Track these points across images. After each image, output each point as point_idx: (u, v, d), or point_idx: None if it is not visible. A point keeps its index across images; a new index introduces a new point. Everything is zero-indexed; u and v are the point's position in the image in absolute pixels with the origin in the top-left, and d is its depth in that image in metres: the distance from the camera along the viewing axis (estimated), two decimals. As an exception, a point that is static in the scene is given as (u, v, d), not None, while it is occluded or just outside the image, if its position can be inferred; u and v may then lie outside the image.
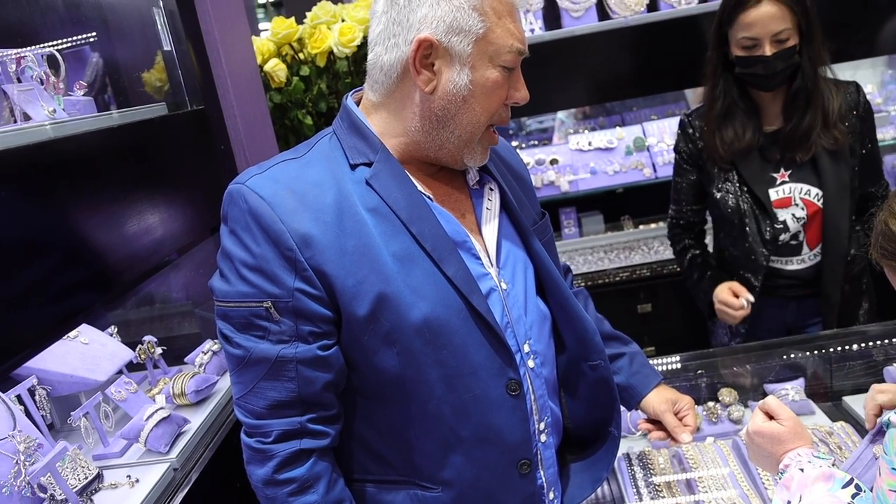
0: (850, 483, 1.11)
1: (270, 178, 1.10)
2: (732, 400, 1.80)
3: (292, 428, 1.10)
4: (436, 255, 1.12)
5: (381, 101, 1.17)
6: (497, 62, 1.12)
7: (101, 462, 1.53)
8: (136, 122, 1.66)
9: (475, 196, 1.26)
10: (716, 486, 1.54)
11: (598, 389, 1.33)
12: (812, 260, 2.06)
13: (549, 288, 1.30)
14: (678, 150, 2.20)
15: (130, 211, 1.56)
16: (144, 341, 1.81)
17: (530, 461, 1.22)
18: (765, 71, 1.90)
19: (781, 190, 2.01)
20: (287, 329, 1.08)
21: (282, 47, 2.46)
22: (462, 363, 1.13)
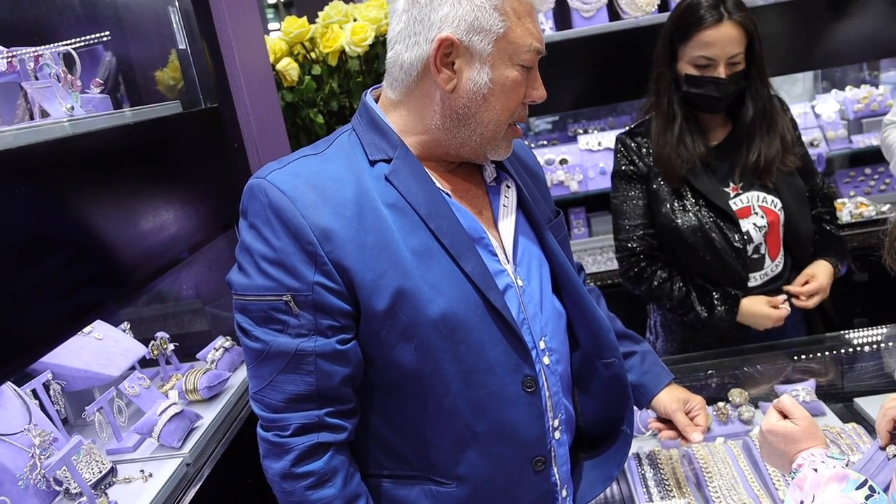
0: (865, 484, 1.11)
1: (291, 173, 1.11)
2: (743, 400, 1.80)
3: (310, 421, 1.11)
4: (454, 251, 1.13)
5: (400, 98, 1.17)
6: (516, 61, 1.13)
7: (114, 456, 1.55)
8: (151, 120, 1.68)
9: (492, 193, 1.27)
10: (726, 486, 1.54)
11: (611, 387, 1.34)
12: (774, 272, 2.02)
13: (564, 285, 1.31)
14: (620, 172, 2.05)
15: (145, 208, 1.57)
16: (157, 337, 1.83)
17: (545, 458, 1.23)
18: (718, 93, 1.86)
19: (739, 200, 1.96)
20: (306, 323, 1.08)
21: (294, 46, 2.47)
22: (479, 359, 1.14)
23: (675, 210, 1.97)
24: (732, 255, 1.94)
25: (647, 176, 2.02)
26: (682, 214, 1.96)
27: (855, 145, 3.22)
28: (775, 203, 1.96)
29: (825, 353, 1.94)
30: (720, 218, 1.94)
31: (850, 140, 3.23)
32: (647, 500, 1.54)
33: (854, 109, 3.26)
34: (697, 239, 1.95)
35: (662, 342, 2.17)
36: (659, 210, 1.99)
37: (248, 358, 1.13)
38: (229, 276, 1.14)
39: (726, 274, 1.97)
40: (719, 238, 1.94)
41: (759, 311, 1.94)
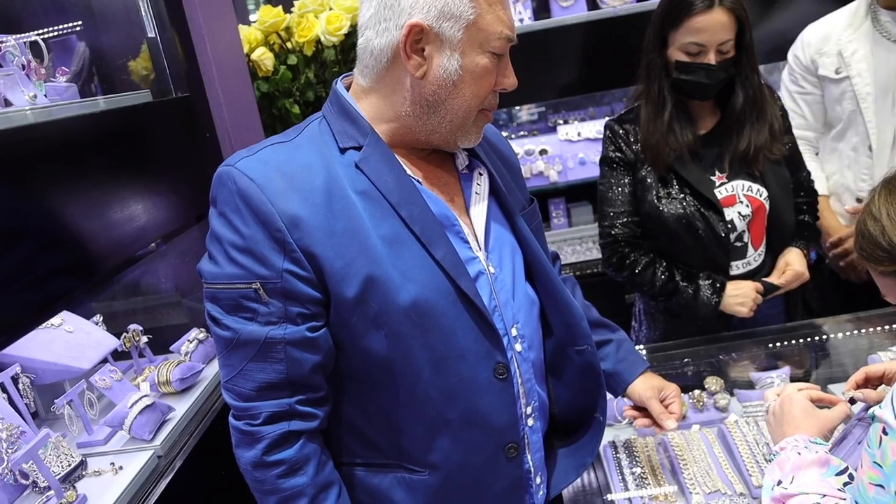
0: (845, 472, 1.12)
1: (260, 161, 1.10)
2: (718, 388, 1.80)
3: (281, 410, 1.11)
4: (424, 239, 1.12)
5: (371, 85, 1.17)
6: (487, 48, 1.13)
7: (84, 450, 1.53)
8: (119, 109, 1.66)
9: (464, 180, 1.27)
10: (700, 473, 1.55)
11: (584, 375, 1.34)
12: (756, 261, 2.02)
13: (537, 273, 1.31)
14: (608, 159, 2.04)
15: (113, 198, 1.56)
16: (129, 329, 1.81)
17: (517, 445, 1.23)
18: (708, 79, 1.85)
19: (724, 189, 1.96)
20: (276, 310, 1.08)
21: (269, 36, 2.44)
22: (450, 346, 1.14)
23: (660, 198, 1.97)
24: (715, 243, 1.95)
25: (633, 163, 2.02)
26: (668, 202, 1.96)
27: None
28: (761, 192, 1.96)
29: (800, 340, 1.96)
30: (704, 206, 1.94)
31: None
32: (622, 488, 1.54)
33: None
34: (681, 226, 1.95)
35: (646, 330, 2.18)
36: (644, 197, 1.99)
37: (219, 347, 1.13)
38: (200, 265, 1.14)
39: (709, 261, 1.97)
40: (703, 226, 1.94)
41: (742, 284, 1.94)
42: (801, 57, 2.31)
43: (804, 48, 2.30)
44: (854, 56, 2.17)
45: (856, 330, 1.97)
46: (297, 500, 1.12)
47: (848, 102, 2.22)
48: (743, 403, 1.77)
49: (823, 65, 2.23)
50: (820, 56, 2.24)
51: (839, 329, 1.99)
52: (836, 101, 2.25)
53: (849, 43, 2.18)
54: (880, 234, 1.09)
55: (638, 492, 1.52)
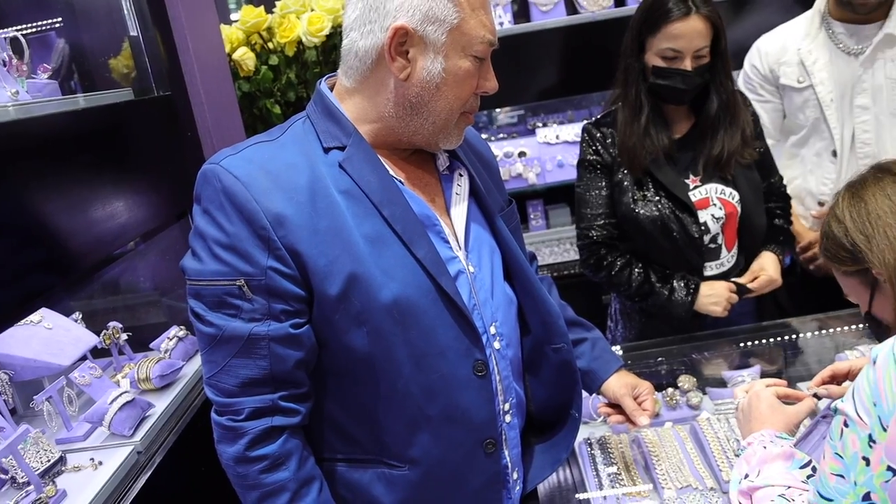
0: (808, 465, 1.16)
1: (244, 159, 1.12)
2: (691, 386, 1.84)
3: (264, 405, 1.12)
4: (406, 238, 1.15)
5: (354, 86, 1.19)
6: (469, 52, 1.15)
7: (64, 446, 1.53)
8: (101, 107, 1.66)
9: (445, 181, 1.29)
10: (672, 468, 1.58)
11: (560, 372, 1.37)
12: (729, 263, 2.07)
13: (516, 273, 1.34)
14: (586, 161, 2.08)
15: (94, 195, 1.56)
16: (109, 327, 1.81)
17: (495, 441, 1.25)
18: (683, 85, 1.89)
19: (698, 192, 2.00)
20: (260, 307, 1.09)
21: (251, 36, 2.45)
22: (430, 343, 1.16)
23: (636, 200, 2.01)
24: (690, 244, 1.99)
25: (610, 166, 2.05)
26: (643, 204, 2.00)
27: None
28: (733, 195, 2.01)
29: (770, 339, 2.01)
30: (679, 208, 1.98)
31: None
32: (597, 485, 1.57)
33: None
34: (657, 228, 1.99)
35: (622, 329, 2.22)
36: (621, 200, 2.02)
37: (202, 343, 1.14)
38: (183, 262, 1.14)
39: (683, 262, 2.01)
40: (678, 228, 1.98)
41: (717, 286, 1.99)
42: (758, 66, 2.36)
43: (762, 58, 2.35)
44: (815, 65, 2.23)
45: (824, 329, 2.03)
46: (279, 494, 1.13)
47: (811, 110, 2.28)
48: (715, 401, 1.81)
49: (785, 74, 2.29)
50: (780, 66, 2.30)
51: (808, 328, 2.05)
52: (798, 109, 2.30)
53: (808, 53, 2.24)
54: (843, 236, 1.13)
55: (613, 490, 1.55)
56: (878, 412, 0.92)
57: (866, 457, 0.93)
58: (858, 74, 2.20)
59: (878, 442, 0.92)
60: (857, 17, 2.18)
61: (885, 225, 1.07)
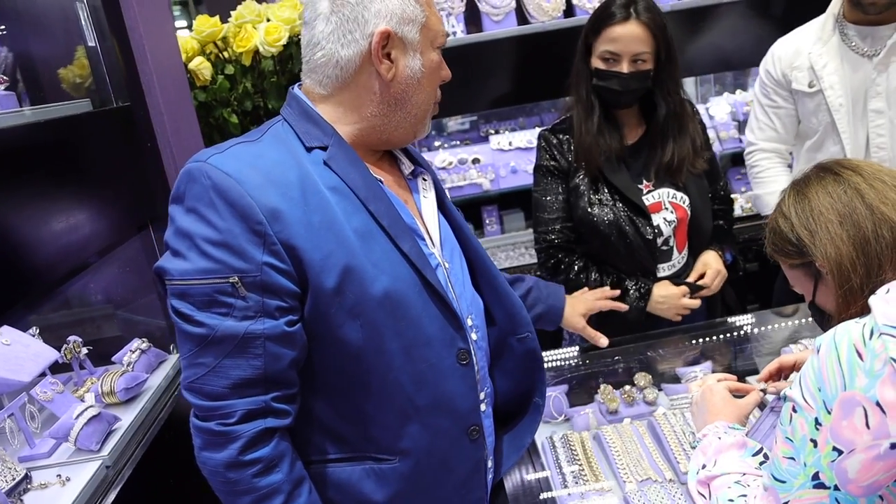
0: (760, 452, 1.24)
1: (232, 157, 1.12)
2: (647, 383, 1.91)
3: (257, 407, 1.10)
4: (392, 233, 1.18)
5: (331, 93, 1.23)
6: (435, 45, 1.26)
7: (28, 463, 1.51)
8: (59, 119, 1.63)
9: (411, 185, 1.35)
10: (632, 462, 1.64)
11: (525, 361, 1.42)
12: (680, 263, 2.16)
13: (479, 269, 1.40)
14: (542, 167, 2.15)
15: (53, 208, 1.53)
16: (70, 341, 1.78)
17: (479, 427, 1.30)
18: (619, 87, 1.97)
19: (651, 196, 2.09)
20: (253, 304, 1.08)
21: (206, 46, 2.44)
22: (418, 334, 1.20)
23: (592, 204, 2.08)
24: (644, 247, 2.07)
25: (567, 171, 2.12)
26: (599, 208, 2.07)
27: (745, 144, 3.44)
28: (684, 200, 2.10)
29: (720, 336, 2.10)
30: (633, 212, 2.06)
31: (741, 139, 3.45)
32: (561, 482, 1.61)
33: (744, 111, 3.50)
34: (612, 231, 2.06)
35: None
36: (577, 204, 2.09)
37: (189, 345, 1.10)
38: (161, 264, 1.11)
39: (637, 264, 2.09)
40: (632, 231, 2.06)
41: (670, 293, 2.06)
42: (772, 71, 2.33)
43: (775, 63, 2.32)
44: (825, 69, 2.20)
45: (769, 325, 2.13)
46: (273, 497, 1.12)
47: (823, 114, 2.25)
48: (670, 396, 1.89)
49: (796, 79, 2.26)
50: (792, 70, 2.27)
51: (754, 324, 2.15)
52: (811, 113, 2.28)
53: (819, 57, 2.21)
54: (790, 231, 1.21)
55: (577, 487, 1.59)
56: (822, 397, 0.99)
57: (814, 439, 1.00)
58: (872, 78, 2.17)
59: (823, 424, 0.99)
60: (871, 19, 2.14)
61: (826, 221, 1.15)
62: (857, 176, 1.16)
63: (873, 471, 0.96)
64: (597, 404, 1.86)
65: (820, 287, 1.22)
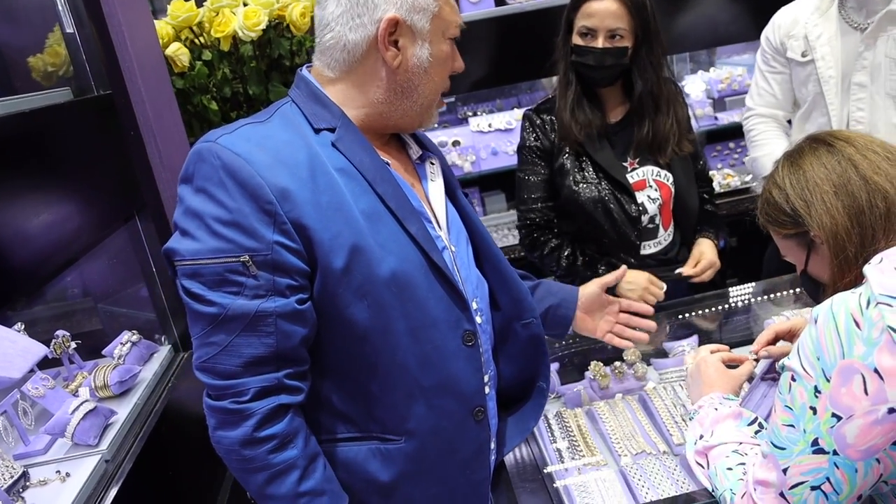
0: (755, 422, 1.27)
1: (241, 137, 1.13)
2: (636, 359, 1.93)
3: (270, 384, 1.11)
4: (399, 215, 1.19)
5: (339, 76, 1.23)
6: (447, 35, 1.25)
7: (23, 461, 1.49)
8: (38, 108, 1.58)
9: (419, 169, 1.36)
10: (626, 437, 1.67)
11: (529, 346, 1.44)
12: (666, 241, 2.20)
13: (485, 254, 1.41)
14: (526, 147, 2.18)
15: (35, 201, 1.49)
16: (58, 336, 1.75)
17: (484, 408, 1.31)
18: (594, 62, 2.00)
19: (635, 174, 2.12)
20: (264, 283, 1.09)
21: (181, 31, 2.39)
22: (424, 315, 1.21)
23: (577, 182, 2.10)
24: (629, 224, 2.10)
25: (550, 151, 2.14)
26: (584, 186, 2.10)
27: (720, 122, 3.50)
28: (668, 177, 2.13)
29: (705, 310, 2.14)
30: (618, 190, 2.09)
31: (716, 117, 3.50)
32: (557, 458, 1.64)
33: (718, 89, 3.54)
34: (597, 209, 2.09)
35: None
36: (563, 183, 2.12)
37: (201, 324, 1.11)
38: (170, 245, 1.12)
39: (622, 242, 2.13)
40: (617, 209, 2.09)
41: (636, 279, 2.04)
42: (771, 38, 2.34)
43: (775, 30, 2.33)
44: (819, 40, 2.20)
45: (752, 298, 2.18)
46: (288, 473, 1.13)
47: (813, 85, 2.26)
48: (659, 371, 1.92)
49: (791, 47, 2.27)
50: (788, 39, 2.28)
51: (738, 297, 2.19)
52: (801, 83, 2.30)
53: (815, 27, 2.21)
54: (784, 201, 1.23)
55: (573, 461, 1.62)
56: (821, 365, 1.02)
57: (813, 406, 1.03)
58: (860, 51, 2.15)
59: (822, 392, 1.02)
60: None
61: (822, 192, 1.17)
62: (849, 147, 1.19)
63: (871, 435, 0.99)
64: (588, 381, 1.88)
65: (812, 256, 1.24)
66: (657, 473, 1.52)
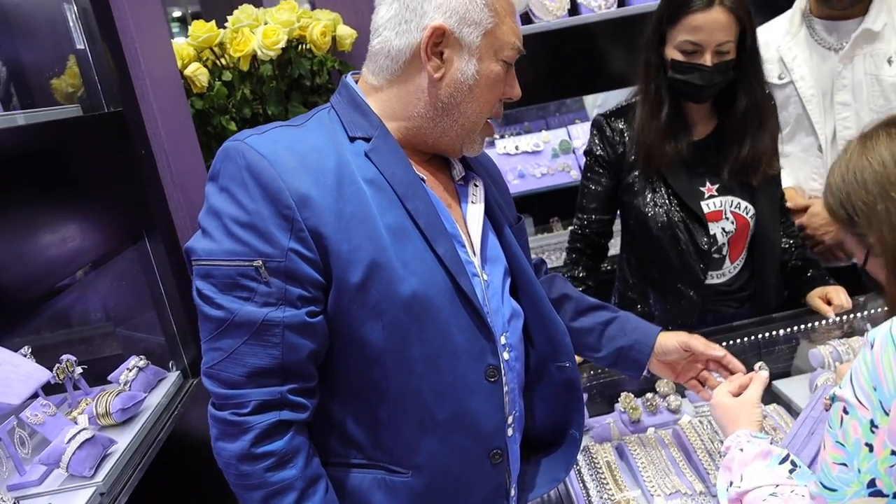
0: (787, 459, 1.15)
1: (270, 139, 1.10)
2: (669, 390, 1.83)
3: (272, 398, 1.07)
4: (428, 233, 1.13)
5: (382, 85, 1.19)
6: (500, 56, 1.17)
7: (17, 492, 1.42)
8: (46, 124, 1.55)
9: (460, 190, 1.29)
10: (659, 475, 1.56)
11: (563, 391, 1.35)
12: (730, 273, 2.04)
13: (524, 287, 1.32)
14: (592, 154, 2.06)
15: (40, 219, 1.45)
16: (62, 360, 1.70)
17: (502, 451, 1.22)
18: (702, 81, 1.81)
19: (712, 203, 1.96)
20: (275, 291, 1.05)
21: (202, 52, 2.37)
22: (445, 343, 1.14)
23: (647, 203, 1.97)
24: (696, 256, 1.95)
25: (617, 164, 2.02)
26: (654, 209, 1.97)
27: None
28: (748, 210, 1.96)
29: (743, 339, 2.01)
30: (690, 218, 1.95)
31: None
32: (584, 496, 1.54)
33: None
34: (666, 236, 1.96)
35: None
36: (631, 202, 2.00)
37: (208, 328, 1.08)
38: (190, 244, 1.09)
39: (686, 272, 1.98)
40: (686, 238, 1.95)
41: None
42: None
43: None
44: (795, 61, 2.24)
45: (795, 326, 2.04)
46: (285, 494, 1.08)
47: (793, 106, 2.28)
48: (695, 403, 1.81)
49: (767, 71, 2.21)
50: (762, 63, 2.25)
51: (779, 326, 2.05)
52: (781, 106, 2.26)
53: (788, 49, 2.25)
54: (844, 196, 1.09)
55: (600, 501, 1.51)
56: (878, 396, 0.91)
57: (869, 443, 0.92)
58: (839, 71, 2.20)
59: (880, 427, 0.91)
60: (837, 13, 2.20)
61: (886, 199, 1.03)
62: None
63: None
64: (618, 413, 1.80)
65: (871, 258, 1.12)
66: (693, 516, 1.41)
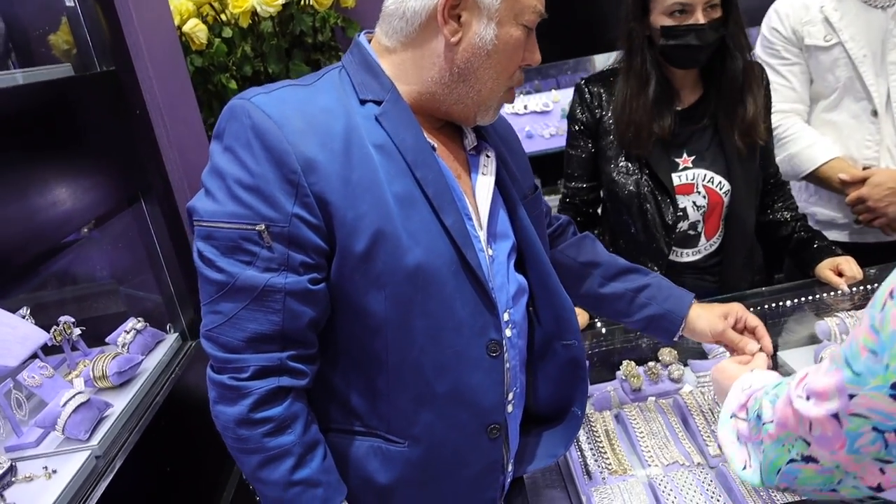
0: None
1: (278, 99, 1.06)
2: (672, 359, 1.81)
3: (271, 364, 1.05)
4: (436, 203, 1.10)
5: (396, 47, 1.14)
6: (521, 21, 1.12)
7: (13, 454, 1.43)
8: (36, 84, 1.52)
9: (471, 160, 1.25)
10: (657, 445, 1.54)
11: (568, 368, 1.33)
12: (707, 251, 1.99)
13: (532, 263, 1.29)
14: (574, 119, 1.99)
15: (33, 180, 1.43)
16: (60, 322, 1.70)
17: (500, 426, 1.21)
18: (699, 41, 1.73)
19: (684, 175, 1.90)
20: (278, 256, 1.03)
21: (201, 7, 2.31)
22: (447, 316, 1.12)
23: (618, 170, 1.93)
24: (662, 229, 1.91)
25: (595, 129, 1.96)
26: (625, 176, 1.92)
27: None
28: (722, 185, 1.91)
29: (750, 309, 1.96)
30: (659, 190, 1.90)
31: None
32: (581, 463, 1.53)
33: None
34: (632, 204, 1.92)
35: None
36: (604, 168, 1.96)
37: (209, 291, 1.06)
38: (192, 203, 1.06)
39: (650, 244, 1.94)
40: (652, 209, 1.91)
41: None
42: (780, 29, 2.22)
43: (783, 20, 2.21)
44: (842, 21, 2.11)
45: (803, 297, 2.00)
46: (282, 459, 1.07)
47: (842, 69, 2.14)
48: (697, 373, 1.79)
49: (810, 34, 2.16)
50: (803, 26, 2.17)
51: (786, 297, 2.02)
52: (827, 70, 2.17)
53: (834, 10, 2.12)
54: None
55: (597, 466, 1.50)
56: None
57: None
58: (889, 29, 2.07)
59: None
60: None
61: None
62: None
63: None
64: (619, 381, 1.77)
65: None
66: (689, 487, 1.40)
